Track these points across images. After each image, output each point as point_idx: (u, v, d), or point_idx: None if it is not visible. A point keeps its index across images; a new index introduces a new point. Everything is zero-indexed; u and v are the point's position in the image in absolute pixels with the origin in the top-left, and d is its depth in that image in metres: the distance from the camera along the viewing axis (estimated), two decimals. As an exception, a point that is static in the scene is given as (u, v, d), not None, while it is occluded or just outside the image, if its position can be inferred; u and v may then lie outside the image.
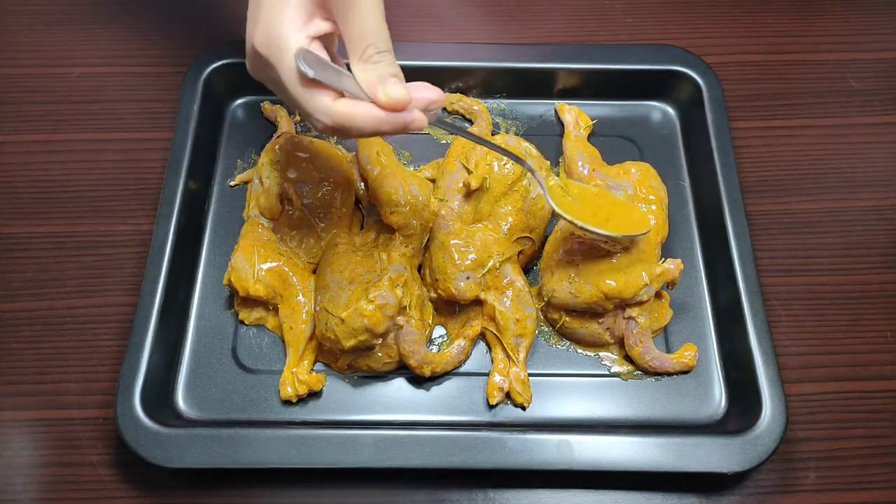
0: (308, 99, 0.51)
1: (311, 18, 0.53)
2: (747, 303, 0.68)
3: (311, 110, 0.52)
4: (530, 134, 0.82)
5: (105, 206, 0.78)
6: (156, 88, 0.85)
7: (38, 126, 0.83)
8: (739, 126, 0.83)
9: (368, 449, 0.62)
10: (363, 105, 0.51)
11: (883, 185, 0.80)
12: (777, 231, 0.77)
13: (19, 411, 0.68)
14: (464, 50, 0.82)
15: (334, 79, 0.50)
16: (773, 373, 0.65)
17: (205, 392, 0.68)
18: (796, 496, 0.65)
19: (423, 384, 0.68)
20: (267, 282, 0.68)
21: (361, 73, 0.51)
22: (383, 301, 0.63)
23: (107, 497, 0.65)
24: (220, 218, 0.77)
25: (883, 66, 0.88)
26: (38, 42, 0.89)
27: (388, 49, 0.52)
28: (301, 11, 0.52)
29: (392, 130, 0.52)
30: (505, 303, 0.68)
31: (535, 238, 0.72)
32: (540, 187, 0.65)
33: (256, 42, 0.53)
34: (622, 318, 0.68)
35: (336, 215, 0.72)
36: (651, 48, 0.84)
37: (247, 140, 0.81)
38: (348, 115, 0.51)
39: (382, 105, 0.50)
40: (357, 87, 0.50)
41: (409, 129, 0.52)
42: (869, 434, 0.68)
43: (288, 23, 0.52)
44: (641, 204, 0.71)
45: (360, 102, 0.51)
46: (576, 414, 0.67)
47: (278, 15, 0.52)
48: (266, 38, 0.52)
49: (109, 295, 0.73)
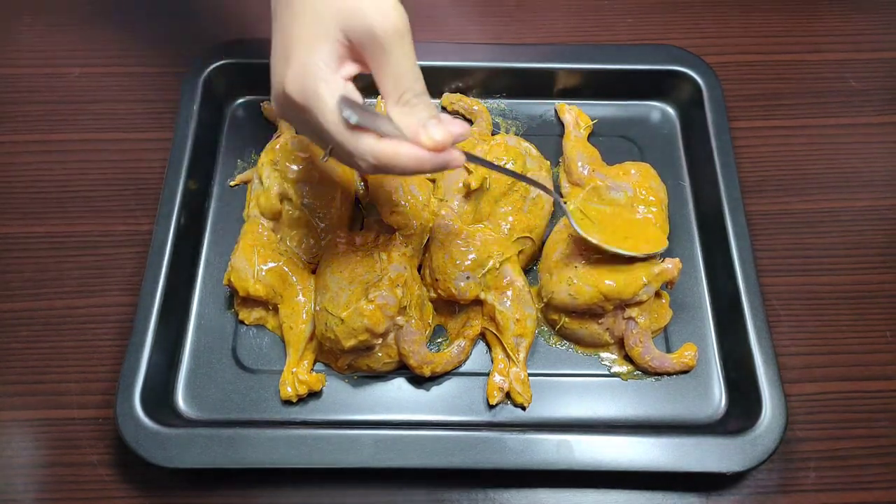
0: (354, 142, 0.52)
1: (343, 62, 0.53)
2: (747, 303, 0.68)
3: (357, 152, 0.52)
4: (530, 134, 0.82)
5: (104, 206, 0.78)
6: (156, 88, 0.85)
7: (37, 126, 0.83)
8: (739, 126, 0.83)
9: (368, 449, 0.62)
10: (406, 146, 0.52)
11: (883, 185, 0.80)
12: (777, 231, 0.77)
13: (19, 411, 0.68)
14: (464, 50, 0.82)
15: (373, 122, 0.51)
16: (773, 373, 0.65)
17: (205, 392, 0.68)
18: (796, 496, 0.65)
19: (423, 384, 0.68)
20: (267, 282, 0.68)
21: (401, 116, 0.52)
22: (383, 301, 0.63)
23: (107, 497, 0.65)
24: (220, 218, 0.77)
25: (883, 66, 0.88)
26: (38, 42, 0.89)
27: (424, 91, 0.53)
28: (334, 55, 0.52)
29: (433, 169, 0.53)
30: (505, 303, 0.68)
31: (535, 238, 0.72)
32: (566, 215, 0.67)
33: (290, 87, 0.52)
34: (622, 319, 0.68)
35: (336, 215, 0.72)
36: (651, 48, 0.84)
37: (247, 140, 0.81)
38: (392, 155, 0.52)
39: (427, 148, 0.52)
40: (395, 129, 0.51)
41: (448, 167, 0.53)
42: (869, 434, 0.68)
43: (324, 67, 0.51)
44: (641, 206, 0.71)
45: (402, 143, 0.52)
46: (576, 414, 0.67)
47: (312, 59, 0.51)
48: (302, 83, 0.51)
49: (109, 295, 0.73)
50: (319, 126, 0.52)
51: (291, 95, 0.52)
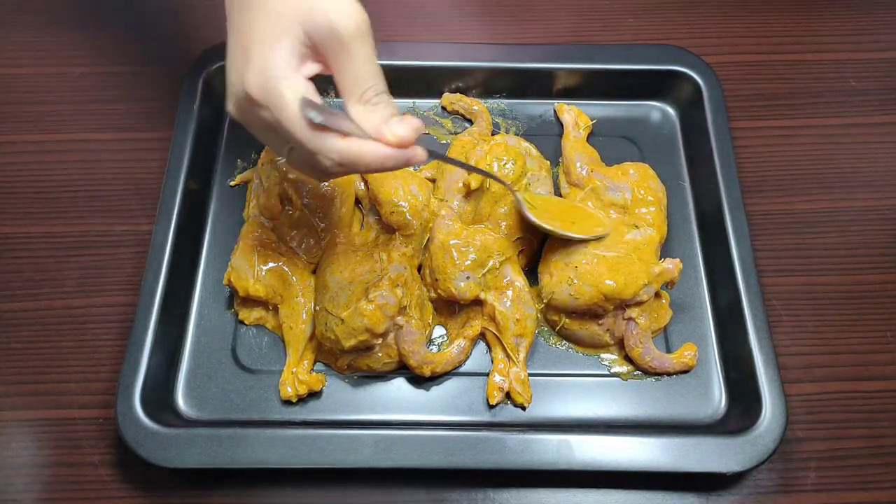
0: (318, 142, 0.52)
1: (303, 61, 0.53)
2: (747, 303, 0.68)
3: (321, 151, 0.52)
4: (530, 134, 0.82)
5: (104, 206, 0.78)
6: (155, 88, 0.85)
7: (37, 126, 0.83)
8: (739, 126, 0.83)
9: (368, 449, 0.62)
10: (369, 143, 0.52)
11: (883, 185, 0.80)
12: (777, 231, 0.77)
13: (19, 411, 0.68)
14: (464, 50, 0.82)
15: (335, 121, 0.51)
16: (773, 373, 0.65)
17: (205, 392, 0.68)
18: (796, 496, 0.65)
19: (423, 384, 0.68)
20: (267, 282, 0.68)
21: (363, 114, 0.52)
22: (383, 301, 0.63)
23: (107, 497, 0.65)
24: (220, 218, 0.77)
25: (883, 66, 0.88)
26: (37, 42, 0.89)
27: (385, 90, 0.53)
28: (295, 54, 0.52)
29: (396, 166, 0.53)
30: (505, 303, 0.68)
31: (535, 238, 0.72)
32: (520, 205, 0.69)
33: (251, 87, 0.52)
34: (622, 319, 0.68)
35: (336, 215, 0.72)
36: (651, 48, 0.84)
37: (247, 140, 0.81)
38: (357, 153, 0.52)
39: (391, 145, 0.52)
40: (357, 127, 0.52)
41: (410, 164, 0.54)
42: (869, 434, 0.68)
43: (285, 66, 0.51)
44: (641, 208, 0.72)
45: (366, 141, 0.52)
46: (576, 414, 0.67)
47: (273, 57, 0.51)
48: (263, 82, 0.51)
49: (109, 295, 0.73)
50: (281, 126, 0.52)
51: (252, 95, 0.52)
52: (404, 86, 0.81)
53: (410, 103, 0.83)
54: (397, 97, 0.81)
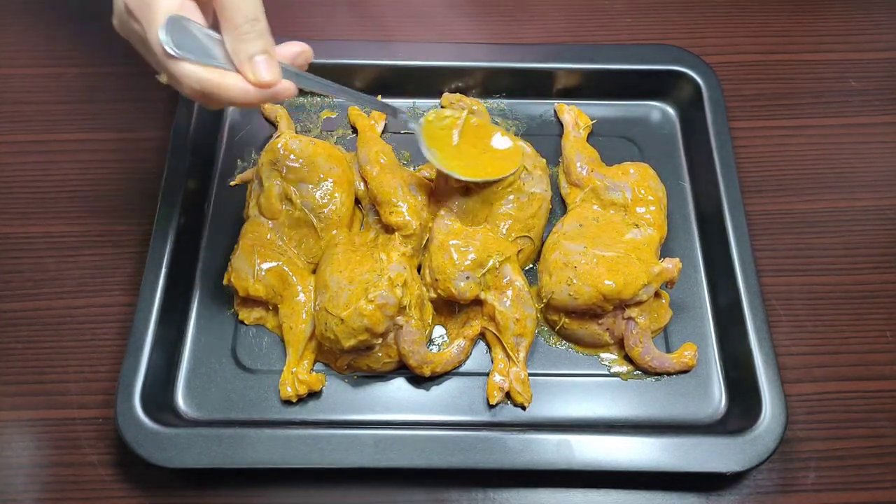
0: (174, 66, 0.51)
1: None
2: (747, 303, 0.68)
3: (178, 75, 0.51)
4: (530, 134, 0.81)
5: (104, 206, 0.78)
6: (155, 88, 0.84)
7: (36, 126, 0.83)
8: (739, 126, 0.83)
9: (368, 449, 0.62)
10: (232, 76, 0.51)
11: (883, 185, 0.80)
12: (777, 231, 0.77)
13: (19, 411, 0.68)
14: (464, 50, 0.82)
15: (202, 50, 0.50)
16: (773, 373, 0.65)
17: (205, 392, 0.68)
18: (796, 496, 0.65)
19: (423, 384, 0.68)
20: (267, 282, 0.68)
21: (232, 45, 0.51)
22: (383, 301, 0.63)
23: (107, 497, 0.65)
24: (220, 218, 0.77)
25: (883, 66, 0.88)
26: (36, 42, 0.89)
27: (260, 23, 0.52)
28: None
29: (261, 101, 0.53)
30: (505, 302, 0.68)
31: (535, 238, 0.72)
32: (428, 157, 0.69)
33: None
34: (622, 319, 0.68)
35: (336, 215, 0.72)
36: (651, 48, 0.84)
37: (247, 140, 0.81)
38: (217, 84, 0.51)
39: (252, 84, 0.51)
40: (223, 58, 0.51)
41: (276, 100, 0.53)
42: (869, 434, 0.68)
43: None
44: (640, 207, 0.71)
45: (230, 73, 0.51)
46: (576, 414, 0.67)
47: None
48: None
49: (109, 295, 0.73)
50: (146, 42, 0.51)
51: (129, 5, 0.51)
52: (404, 86, 0.81)
53: (410, 103, 0.83)
54: (397, 97, 0.82)
